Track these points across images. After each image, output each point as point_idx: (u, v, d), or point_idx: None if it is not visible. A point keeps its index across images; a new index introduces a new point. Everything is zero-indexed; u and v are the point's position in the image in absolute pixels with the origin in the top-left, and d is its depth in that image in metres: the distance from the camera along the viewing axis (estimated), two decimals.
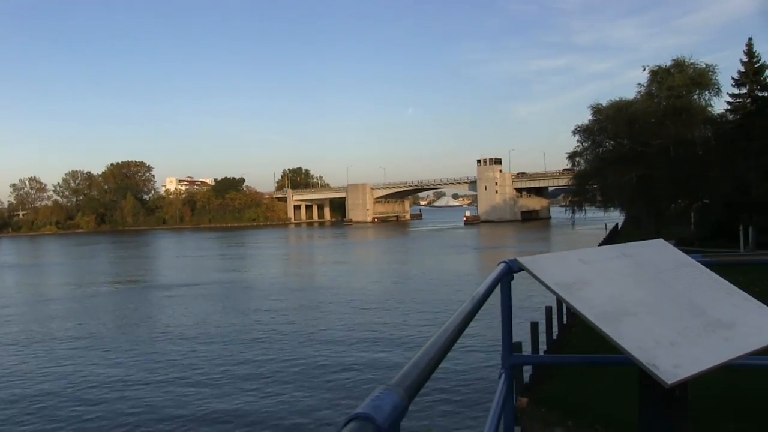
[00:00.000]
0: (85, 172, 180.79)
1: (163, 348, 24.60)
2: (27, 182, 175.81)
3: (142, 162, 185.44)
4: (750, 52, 42.30)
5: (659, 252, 2.59)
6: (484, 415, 2.12)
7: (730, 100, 44.21)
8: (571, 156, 52.11)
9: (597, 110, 49.15)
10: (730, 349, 1.99)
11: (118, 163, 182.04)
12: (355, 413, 0.91)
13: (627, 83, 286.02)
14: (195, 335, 26.74)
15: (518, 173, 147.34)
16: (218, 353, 23.18)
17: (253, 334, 26.66)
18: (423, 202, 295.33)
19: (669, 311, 2.09)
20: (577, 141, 50.92)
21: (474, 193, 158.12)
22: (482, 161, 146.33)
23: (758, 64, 42.11)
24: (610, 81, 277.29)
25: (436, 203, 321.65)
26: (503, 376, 2.44)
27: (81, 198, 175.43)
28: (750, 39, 42.63)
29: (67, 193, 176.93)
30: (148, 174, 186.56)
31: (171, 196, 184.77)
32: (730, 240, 40.41)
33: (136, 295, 41.25)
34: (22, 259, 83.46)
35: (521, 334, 16.34)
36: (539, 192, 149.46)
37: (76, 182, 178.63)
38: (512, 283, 2.45)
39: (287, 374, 19.84)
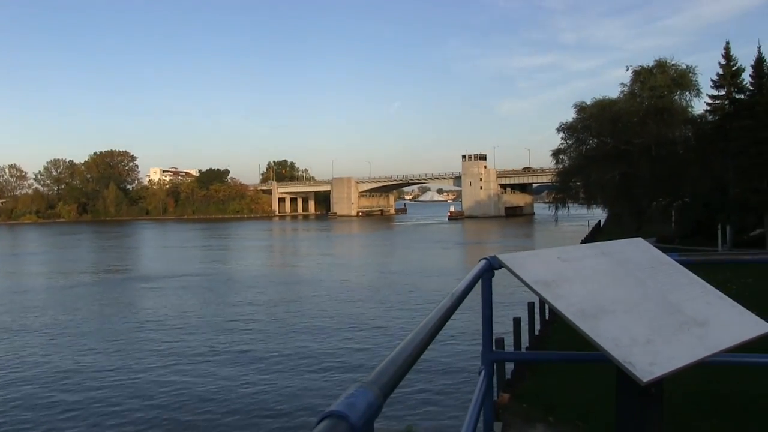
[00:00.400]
0: (67, 160, 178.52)
1: (143, 339, 24.43)
2: (7, 170, 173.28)
3: (125, 151, 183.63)
4: (727, 56, 42.79)
5: (637, 250, 2.61)
6: (464, 411, 2.13)
7: (710, 101, 44.73)
8: (556, 153, 52.48)
9: (581, 108, 49.53)
10: (704, 347, 2.02)
11: (101, 152, 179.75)
12: (328, 411, 0.91)
13: (610, 82, 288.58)
14: (175, 327, 26.57)
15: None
16: (197, 345, 23.06)
17: (233, 326, 26.59)
18: (408, 197, 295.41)
19: (645, 309, 2.12)
20: (562, 138, 51.36)
21: (459, 188, 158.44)
22: (467, 157, 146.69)
23: (735, 68, 42.61)
24: (594, 79, 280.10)
25: (421, 198, 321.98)
26: (483, 372, 2.45)
27: (62, 187, 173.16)
28: (727, 43, 43.19)
29: (48, 181, 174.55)
30: (131, 164, 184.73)
31: (155, 187, 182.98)
32: (708, 238, 40.99)
33: (116, 286, 40.86)
34: (0, 248, 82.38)
35: (504, 329, 16.45)
36: (523, 188, 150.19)
37: (58, 171, 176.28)
38: (497, 277, 2.46)
39: (266, 367, 19.81)
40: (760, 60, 40.27)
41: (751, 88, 41.31)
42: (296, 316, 28.44)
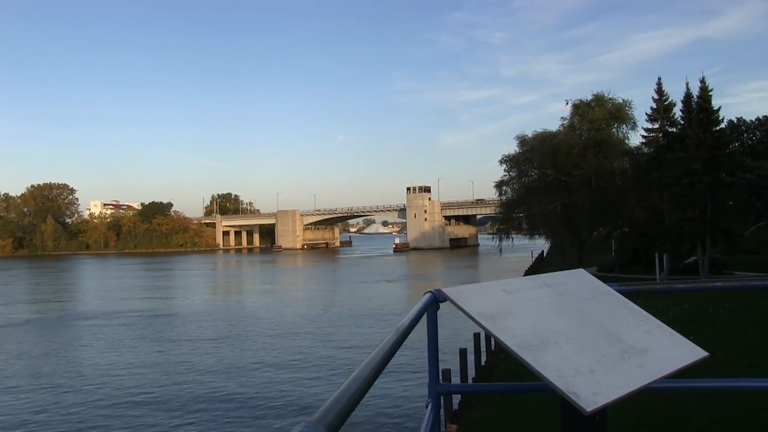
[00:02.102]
0: (1, 193, 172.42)
1: (73, 383, 23.11)
2: None
3: (64, 184, 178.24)
4: (660, 91, 44.76)
5: (579, 281, 2.67)
6: None
7: (645, 134, 46.58)
8: (498, 185, 53.29)
9: (522, 141, 50.61)
10: (644, 374, 2.06)
11: (38, 184, 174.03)
12: None
13: (551, 115, 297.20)
14: (109, 369, 25.34)
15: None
16: (133, 389, 21.96)
17: (171, 366, 25.50)
18: (353, 229, 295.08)
19: (587, 339, 2.15)
20: (504, 170, 52.23)
21: (403, 220, 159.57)
22: (412, 189, 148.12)
23: (667, 102, 44.58)
24: (534, 112, 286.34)
25: (366, 230, 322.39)
26: (430, 404, 2.44)
27: None
28: (659, 79, 45.21)
29: None
30: (71, 197, 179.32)
31: (95, 220, 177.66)
32: (647, 266, 42.28)
33: (48, 326, 38.81)
34: None
35: (452, 360, 16.47)
36: (467, 220, 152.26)
37: None
38: (443, 309, 2.46)
39: (204, 407, 19.20)
40: (688, 95, 42.25)
41: (682, 122, 43.22)
42: (238, 353, 27.81)
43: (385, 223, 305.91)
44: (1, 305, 50.67)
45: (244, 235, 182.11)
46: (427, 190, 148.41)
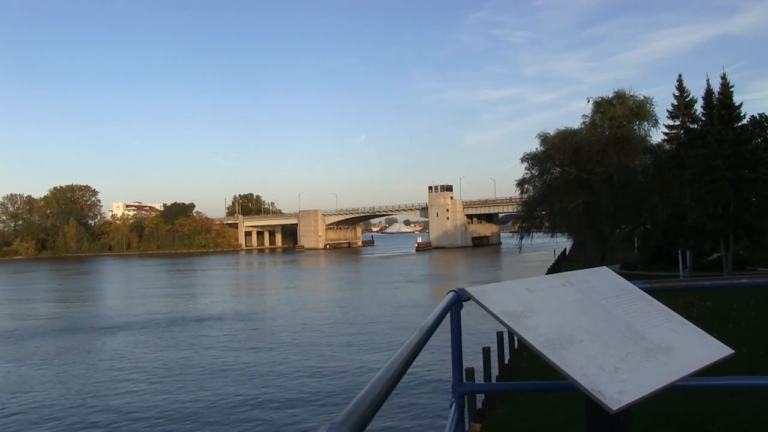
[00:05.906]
0: (25, 195, 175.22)
1: (94, 388, 23.13)
2: None
3: (87, 186, 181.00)
4: (681, 88, 44.14)
5: (602, 279, 2.65)
6: None
7: (666, 130, 46.03)
8: (520, 183, 53.20)
9: (544, 139, 50.41)
10: (669, 372, 2.05)
11: (61, 186, 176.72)
12: None
13: (572, 113, 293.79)
14: (132, 374, 25.37)
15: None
16: (155, 394, 22.06)
17: (195, 371, 25.29)
18: (375, 229, 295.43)
19: (612, 338, 2.14)
20: (526, 168, 52.15)
21: (425, 219, 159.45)
22: (433, 188, 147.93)
23: (688, 99, 43.94)
24: (556, 111, 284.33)
25: (388, 230, 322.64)
26: (454, 404, 2.44)
27: (20, 223, 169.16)
28: (680, 75, 44.57)
29: (4, 217, 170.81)
30: (93, 198, 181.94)
31: (118, 222, 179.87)
32: (670, 263, 41.83)
33: (69, 329, 38.51)
34: None
35: (475, 358, 16.41)
36: (489, 218, 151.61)
37: (15, 206, 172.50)
38: (468, 308, 2.45)
39: (228, 408, 19.29)
40: (709, 92, 41.63)
41: (703, 119, 42.63)
42: (264, 355, 27.94)
43: (407, 223, 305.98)
44: (22, 310, 51.28)
45: (266, 235, 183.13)
46: (449, 188, 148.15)
